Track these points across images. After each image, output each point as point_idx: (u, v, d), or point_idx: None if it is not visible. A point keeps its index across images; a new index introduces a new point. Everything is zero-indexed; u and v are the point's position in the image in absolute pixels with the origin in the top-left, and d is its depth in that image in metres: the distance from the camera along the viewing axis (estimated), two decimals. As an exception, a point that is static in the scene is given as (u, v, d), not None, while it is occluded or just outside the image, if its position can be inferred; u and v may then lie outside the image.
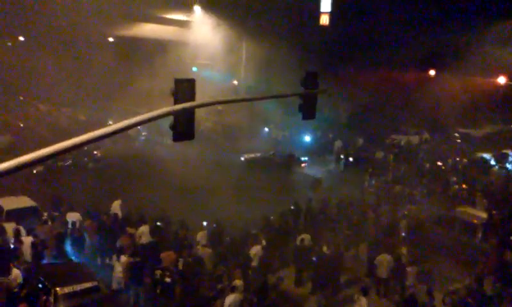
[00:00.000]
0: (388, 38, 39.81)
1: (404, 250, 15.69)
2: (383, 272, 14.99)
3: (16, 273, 13.07)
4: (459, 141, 36.11)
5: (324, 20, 42.81)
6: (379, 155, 30.81)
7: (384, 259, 15.01)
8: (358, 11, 41.24)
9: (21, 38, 54.89)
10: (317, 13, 42.83)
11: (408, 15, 38.65)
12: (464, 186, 23.50)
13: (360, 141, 34.69)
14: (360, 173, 28.16)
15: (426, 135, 36.55)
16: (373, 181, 25.97)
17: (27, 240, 15.27)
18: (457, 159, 29.28)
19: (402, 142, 33.90)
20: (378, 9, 39.55)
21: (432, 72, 41.97)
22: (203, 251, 15.47)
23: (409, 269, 14.77)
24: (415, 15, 39.42)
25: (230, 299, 12.30)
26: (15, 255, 14.69)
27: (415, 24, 38.86)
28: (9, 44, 52.82)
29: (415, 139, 35.27)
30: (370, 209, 20.12)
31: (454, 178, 24.88)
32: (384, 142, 34.86)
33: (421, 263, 15.46)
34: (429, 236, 17.79)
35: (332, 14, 42.23)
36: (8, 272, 12.70)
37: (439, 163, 28.21)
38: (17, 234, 15.40)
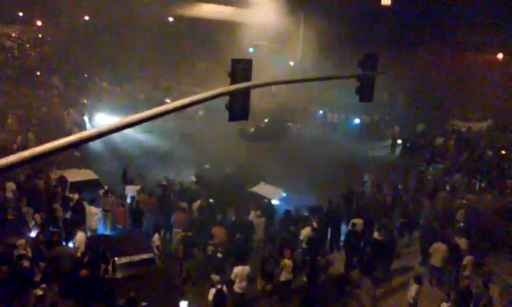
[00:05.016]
0: (452, 20, 38.01)
1: (460, 240, 15.17)
2: (437, 261, 14.60)
3: (80, 237, 13.83)
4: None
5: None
6: (439, 141, 29.73)
7: (439, 248, 14.60)
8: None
9: (86, 18, 57.10)
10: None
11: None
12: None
13: (421, 126, 33.58)
14: (417, 159, 27.46)
15: (489, 122, 34.77)
16: (430, 168, 25.19)
17: (91, 209, 16.16)
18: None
19: (463, 129, 32.46)
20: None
21: (500, 56, 39.72)
22: (258, 220, 15.96)
23: (465, 260, 14.29)
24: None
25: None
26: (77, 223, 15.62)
27: (481, 5, 36.74)
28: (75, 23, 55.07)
29: (477, 126, 33.67)
30: (426, 197, 19.59)
31: (519, 168, 23.64)
32: (444, 128, 33.61)
33: (478, 254, 14.91)
34: (488, 227, 17.04)
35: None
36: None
37: (503, 152, 26.85)
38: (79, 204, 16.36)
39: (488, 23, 36.59)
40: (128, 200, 17.63)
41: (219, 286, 11.81)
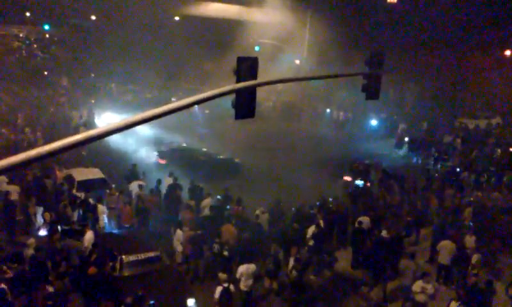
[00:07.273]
0: (460, 18, 37.78)
1: (468, 238, 15.09)
2: (444, 259, 14.53)
3: (89, 236, 13.92)
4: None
5: (392, -3, 41.16)
6: (447, 139, 29.58)
7: (446, 246, 14.53)
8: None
9: (93, 17, 57.30)
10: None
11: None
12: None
13: (425, 124, 33.40)
14: (424, 156, 27.34)
15: (498, 120, 34.51)
16: (438, 166, 25.07)
17: (101, 208, 16.24)
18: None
19: (471, 126, 32.24)
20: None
21: (507, 53, 39.45)
22: (262, 217, 16.04)
23: (473, 258, 14.20)
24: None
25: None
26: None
27: (489, 2, 36.49)
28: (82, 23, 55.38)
29: (485, 123, 33.44)
30: (434, 195, 19.48)
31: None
32: (452, 125, 33.43)
33: (486, 252, 14.81)
34: (496, 225, 16.92)
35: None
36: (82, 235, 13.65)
37: (511, 149, 26.65)
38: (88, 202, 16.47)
39: (495, 20, 36.37)
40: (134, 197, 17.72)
41: (225, 285, 11.82)
